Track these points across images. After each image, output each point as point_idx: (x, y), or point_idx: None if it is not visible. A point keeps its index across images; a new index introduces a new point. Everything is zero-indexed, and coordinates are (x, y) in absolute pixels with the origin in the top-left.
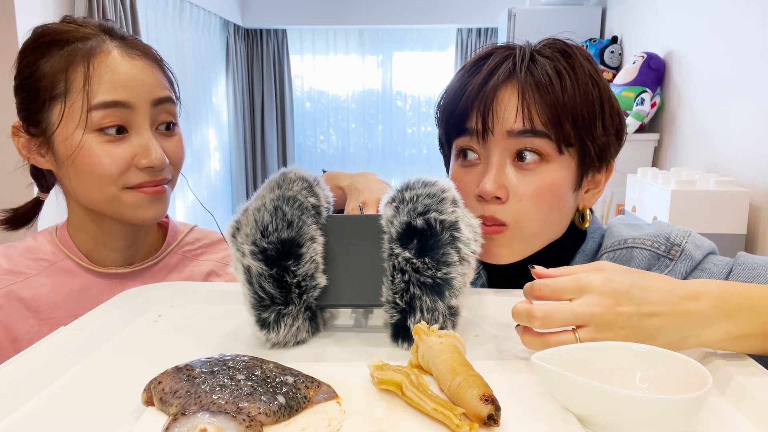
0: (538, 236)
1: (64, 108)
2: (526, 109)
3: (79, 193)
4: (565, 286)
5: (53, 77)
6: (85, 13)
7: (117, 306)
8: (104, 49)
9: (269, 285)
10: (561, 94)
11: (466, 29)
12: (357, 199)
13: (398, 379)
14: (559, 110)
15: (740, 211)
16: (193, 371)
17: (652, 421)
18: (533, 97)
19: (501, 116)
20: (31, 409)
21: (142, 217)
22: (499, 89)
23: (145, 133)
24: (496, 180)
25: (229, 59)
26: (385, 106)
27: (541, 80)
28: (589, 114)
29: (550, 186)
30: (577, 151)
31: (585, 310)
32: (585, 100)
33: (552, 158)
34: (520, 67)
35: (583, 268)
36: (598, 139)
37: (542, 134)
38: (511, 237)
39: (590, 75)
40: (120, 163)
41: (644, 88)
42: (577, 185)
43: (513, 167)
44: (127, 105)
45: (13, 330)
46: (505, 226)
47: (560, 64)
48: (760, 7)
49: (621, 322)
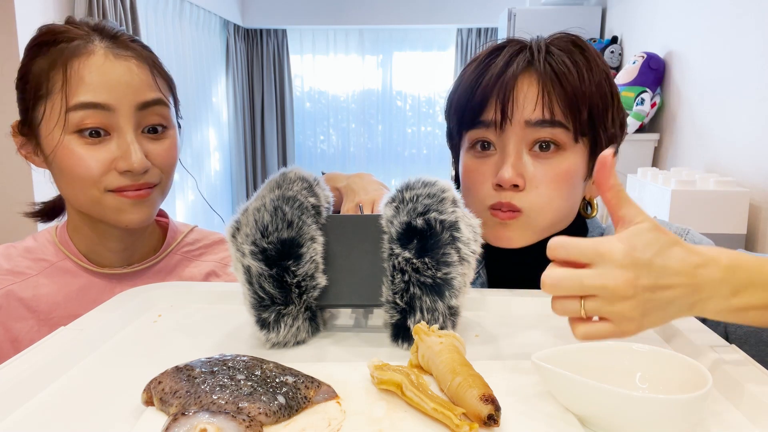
0: (550, 223)
1: (45, 108)
2: (546, 99)
3: (66, 194)
4: (582, 252)
5: (39, 78)
6: (85, 13)
7: (117, 306)
8: (89, 49)
9: (269, 285)
10: (579, 85)
11: (466, 29)
12: (353, 200)
13: (398, 379)
14: (578, 100)
15: (740, 211)
16: (193, 371)
17: (652, 421)
18: (553, 87)
19: (520, 106)
20: (31, 409)
21: (125, 221)
22: (519, 79)
23: (126, 136)
24: (515, 168)
25: (229, 59)
26: (385, 106)
27: (561, 70)
28: (603, 105)
29: (566, 174)
30: (590, 141)
31: (596, 282)
32: (600, 92)
33: (568, 147)
34: (538, 57)
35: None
36: (608, 130)
37: (560, 124)
38: (524, 223)
39: (603, 69)
40: (99, 165)
41: (644, 88)
42: (588, 174)
43: (530, 156)
44: (107, 107)
45: (13, 330)
46: (520, 212)
47: (576, 56)
48: (760, 7)
49: (637, 295)
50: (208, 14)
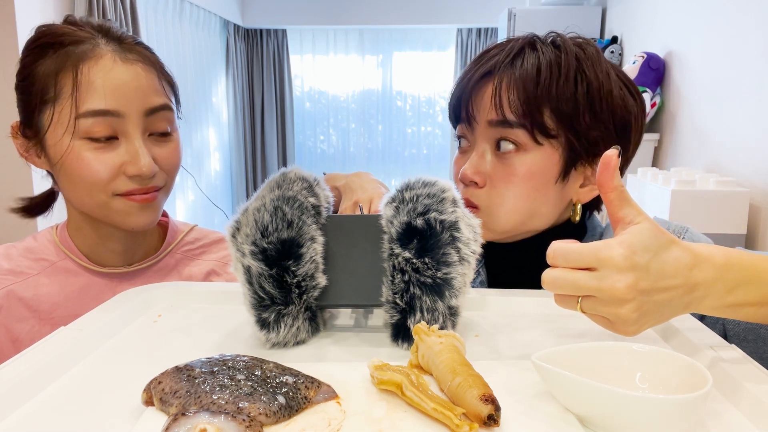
0: (513, 224)
1: (53, 113)
2: (497, 100)
3: (70, 197)
4: (582, 258)
5: (45, 81)
6: (84, 13)
7: (117, 306)
8: (97, 53)
9: (269, 285)
10: (534, 88)
11: (466, 29)
12: (351, 198)
13: (398, 379)
14: (532, 102)
15: (740, 211)
16: (193, 371)
17: (652, 421)
18: (508, 89)
19: (479, 107)
20: (31, 409)
21: (132, 224)
22: (479, 82)
23: (134, 141)
24: (475, 165)
25: (229, 59)
26: (385, 106)
27: (518, 74)
28: (570, 107)
29: (525, 174)
30: (562, 144)
31: (592, 284)
32: (565, 94)
33: (529, 148)
34: (503, 60)
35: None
36: (584, 133)
37: (517, 125)
38: (482, 219)
39: (579, 69)
40: (108, 170)
41: (644, 88)
42: (562, 177)
43: (494, 155)
44: (116, 114)
45: (14, 330)
46: (478, 209)
47: (547, 57)
48: (760, 7)
49: (636, 298)
50: (208, 14)
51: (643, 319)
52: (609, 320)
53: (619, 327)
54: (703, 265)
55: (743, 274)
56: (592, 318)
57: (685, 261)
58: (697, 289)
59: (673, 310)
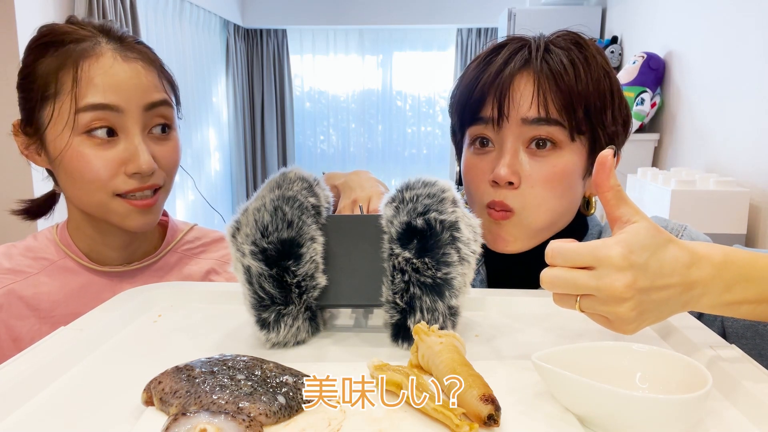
0: (546, 224)
1: (53, 109)
2: (542, 97)
3: (70, 195)
4: (581, 257)
5: (46, 78)
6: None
7: (117, 306)
8: (97, 51)
9: (269, 285)
10: (575, 83)
11: (466, 29)
12: (350, 197)
13: (398, 379)
14: (573, 98)
15: (740, 211)
16: (193, 371)
17: (652, 421)
18: (548, 85)
19: (516, 104)
20: (31, 409)
21: (130, 225)
22: (515, 77)
23: (134, 138)
24: (511, 165)
25: (229, 59)
26: (385, 106)
27: (557, 69)
28: (601, 103)
29: (562, 172)
30: (588, 139)
31: (590, 283)
32: (597, 90)
33: (564, 145)
34: (535, 55)
35: (606, 241)
36: (608, 128)
37: (555, 122)
38: (517, 223)
39: (602, 66)
40: (108, 167)
41: (644, 88)
42: (587, 172)
43: (526, 153)
44: (116, 108)
45: (15, 329)
46: (512, 212)
47: (574, 54)
48: (760, 7)
49: (634, 297)
50: (208, 14)
51: (642, 317)
52: (607, 319)
53: (617, 325)
54: (701, 264)
55: (741, 272)
56: (591, 317)
57: (683, 259)
58: (695, 287)
59: (671, 309)
